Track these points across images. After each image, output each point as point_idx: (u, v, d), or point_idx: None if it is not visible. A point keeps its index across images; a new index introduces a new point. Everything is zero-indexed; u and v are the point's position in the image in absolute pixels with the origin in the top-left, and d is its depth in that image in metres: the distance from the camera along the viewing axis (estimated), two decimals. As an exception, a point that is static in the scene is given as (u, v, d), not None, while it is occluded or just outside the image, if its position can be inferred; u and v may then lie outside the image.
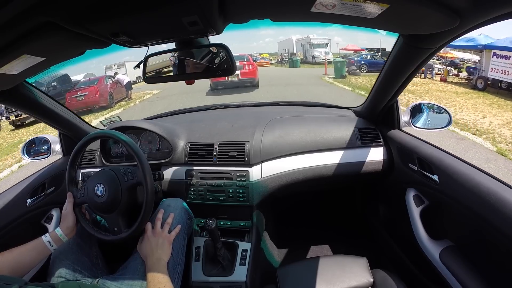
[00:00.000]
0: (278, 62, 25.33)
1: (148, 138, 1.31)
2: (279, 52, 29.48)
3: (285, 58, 23.29)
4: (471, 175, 0.77)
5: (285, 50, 26.08)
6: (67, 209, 0.87)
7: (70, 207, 0.87)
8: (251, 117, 1.38)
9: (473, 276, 0.77)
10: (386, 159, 1.19)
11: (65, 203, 0.89)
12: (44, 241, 0.80)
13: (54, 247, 0.82)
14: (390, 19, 0.56)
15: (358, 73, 12.45)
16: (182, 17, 0.54)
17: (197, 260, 1.12)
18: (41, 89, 1.04)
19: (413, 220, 0.99)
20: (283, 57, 24.58)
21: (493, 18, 0.53)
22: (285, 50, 26.08)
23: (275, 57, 28.74)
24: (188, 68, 0.78)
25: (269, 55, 30.60)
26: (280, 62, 24.32)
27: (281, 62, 23.68)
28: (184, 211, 1.05)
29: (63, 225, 0.84)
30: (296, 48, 25.38)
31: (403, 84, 0.99)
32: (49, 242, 0.81)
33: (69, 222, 0.85)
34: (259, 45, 74.82)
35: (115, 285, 0.80)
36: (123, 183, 0.87)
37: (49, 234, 0.82)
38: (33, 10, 0.43)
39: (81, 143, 0.92)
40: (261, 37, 73.58)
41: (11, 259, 0.74)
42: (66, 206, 0.88)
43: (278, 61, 25.32)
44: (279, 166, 1.17)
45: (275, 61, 26.41)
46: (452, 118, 1.12)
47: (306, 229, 1.72)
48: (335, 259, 0.99)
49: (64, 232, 0.83)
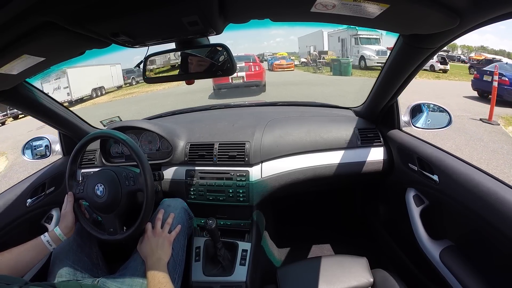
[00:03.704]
0: (305, 64, 17.88)
1: (148, 138, 1.31)
2: (299, 52, 23.20)
3: (314, 58, 16.55)
4: (471, 175, 0.77)
5: (310, 47, 19.62)
6: (66, 209, 0.87)
7: (70, 207, 0.87)
8: (251, 117, 1.38)
9: (473, 276, 0.77)
10: (386, 159, 1.19)
11: (64, 202, 0.89)
12: (43, 241, 0.80)
13: (53, 246, 0.82)
14: (390, 19, 0.56)
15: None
16: (182, 17, 0.54)
17: (197, 260, 1.12)
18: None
19: (413, 220, 0.99)
20: (313, 58, 16.80)
21: (493, 18, 0.53)
22: (310, 47, 19.62)
23: (297, 57, 21.92)
24: (190, 67, 0.78)
25: (288, 54, 23.11)
26: (310, 65, 16.64)
27: (312, 65, 16.19)
28: (184, 211, 1.05)
29: (62, 224, 0.84)
30: (328, 44, 18.19)
31: (403, 84, 0.99)
32: (48, 241, 0.81)
33: (68, 222, 0.85)
34: (270, 45, 73.60)
35: (115, 285, 0.80)
36: (124, 187, 0.87)
37: (48, 233, 0.82)
38: (33, 10, 0.43)
39: (81, 143, 0.92)
40: (271, 37, 72.75)
41: (11, 259, 0.74)
42: (65, 206, 0.88)
43: (306, 64, 17.64)
44: (279, 166, 1.17)
45: (298, 62, 19.29)
46: (452, 118, 1.12)
47: (306, 229, 1.72)
48: (335, 259, 0.99)
49: (63, 232, 0.83)
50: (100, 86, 15.64)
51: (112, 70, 17.29)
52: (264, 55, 28.18)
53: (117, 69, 17.74)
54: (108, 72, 16.83)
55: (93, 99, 13.79)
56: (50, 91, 11.41)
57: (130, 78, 18.43)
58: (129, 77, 18.52)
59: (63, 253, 0.86)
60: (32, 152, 1.32)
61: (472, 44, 27.39)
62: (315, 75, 13.53)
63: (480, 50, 24.78)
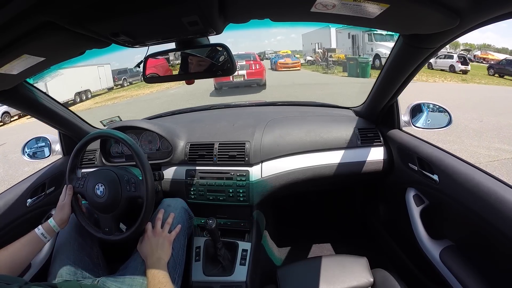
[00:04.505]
0: (311, 63, 16.51)
1: (148, 138, 1.31)
2: (303, 50, 21.33)
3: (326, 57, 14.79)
4: (471, 175, 0.77)
5: (316, 44, 18.01)
6: (64, 200, 0.87)
7: (68, 199, 0.87)
8: (251, 117, 1.38)
9: (473, 276, 0.77)
10: (386, 159, 1.19)
11: (62, 193, 0.89)
12: (37, 234, 0.80)
13: (48, 238, 0.82)
14: (390, 19, 0.56)
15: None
16: (182, 17, 0.54)
17: (197, 260, 1.12)
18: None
19: (413, 220, 1.00)
20: (323, 57, 14.99)
21: (493, 18, 0.53)
22: (316, 44, 18.01)
23: (301, 55, 20.33)
24: (190, 67, 0.78)
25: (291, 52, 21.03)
26: (319, 64, 15.03)
27: (321, 64, 14.72)
28: (184, 211, 1.05)
29: (57, 216, 0.84)
30: (337, 41, 16.52)
31: (403, 84, 0.99)
32: (42, 234, 0.81)
33: (64, 214, 0.85)
34: (271, 43, 72.93)
35: (116, 285, 0.79)
36: (124, 191, 0.87)
37: (41, 226, 0.82)
38: (33, 10, 0.43)
39: (82, 143, 0.92)
40: (272, 35, 71.88)
41: (7, 256, 0.75)
42: (63, 197, 0.88)
43: (313, 62, 16.29)
44: (279, 166, 1.17)
45: (304, 60, 17.57)
46: (452, 117, 1.11)
47: (306, 229, 1.72)
48: (335, 258, 0.99)
49: (58, 223, 0.83)
50: (85, 90, 13.97)
51: (100, 71, 15.53)
52: (266, 53, 27.50)
53: (105, 69, 16.06)
54: (95, 74, 15.12)
55: (76, 104, 12.31)
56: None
57: (122, 79, 16.74)
58: (120, 78, 16.75)
59: (64, 253, 0.86)
60: (32, 152, 1.32)
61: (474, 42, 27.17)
62: (327, 76, 11.92)
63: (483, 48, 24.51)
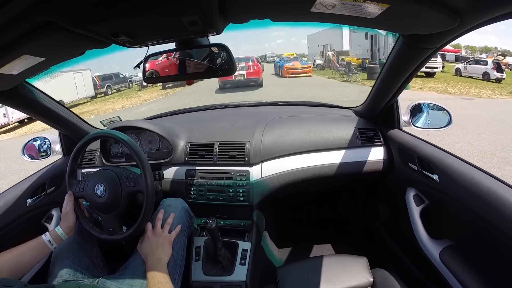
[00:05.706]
0: (321, 67, 13.95)
1: (148, 138, 1.31)
2: (308, 53, 18.71)
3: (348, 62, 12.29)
4: (471, 175, 0.77)
5: (324, 47, 16.17)
6: (67, 208, 0.87)
7: (71, 206, 0.87)
8: (251, 117, 1.38)
9: (473, 276, 0.77)
10: (386, 158, 1.19)
11: (64, 202, 0.89)
12: (44, 240, 0.80)
13: (55, 245, 0.82)
14: (390, 19, 0.56)
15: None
16: (182, 17, 0.54)
17: (197, 260, 1.12)
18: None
19: (413, 219, 1.00)
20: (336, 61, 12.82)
21: (493, 18, 0.53)
22: (324, 47, 16.17)
23: (307, 58, 17.39)
24: (189, 68, 0.78)
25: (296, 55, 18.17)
26: (337, 70, 12.43)
27: (339, 70, 12.27)
28: (185, 211, 1.05)
29: (63, 224, 0.84)
30: (350, 43, 14.41)
31: (403, 84, 0.99)
32: (49, 241, 0.81)
33: (70, 221, 0.85)
34: (271, 47, 73.35)
35: (115, 285, 0.79)
36: (124, 187, 0.87)
37: (49, 233, 0.82)
38: (33, 10, 0.43)
39: (82, 142, 0.92)
40: (272, 39, 72.31)
41: (11, 259, 0.74)
42: (66, 205, 0.88)
43: (323, 67, 13.73)
44: (279, 166, 1.17)
45: (312, 64, 14.68)
46: (452, 117, 1.11)
47: (306, 229, 1.72)
48: (335, 258, 0.99)
49: (65, 231, 0.83)
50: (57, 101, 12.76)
51: (77, 78, 13.31)
52: (267, 56, 27.16)
53: (84, 76, 13.83)
54: (71, 82, 12.94)
55: (32, 122, 10.04)
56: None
57: (105, 87, 14.71)
58: (103, 86, 14.72)
59: (64, 253, 0.86)
60: (32, 152, 1.32)
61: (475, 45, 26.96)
62: (352, 86, 9.41)
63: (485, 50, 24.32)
